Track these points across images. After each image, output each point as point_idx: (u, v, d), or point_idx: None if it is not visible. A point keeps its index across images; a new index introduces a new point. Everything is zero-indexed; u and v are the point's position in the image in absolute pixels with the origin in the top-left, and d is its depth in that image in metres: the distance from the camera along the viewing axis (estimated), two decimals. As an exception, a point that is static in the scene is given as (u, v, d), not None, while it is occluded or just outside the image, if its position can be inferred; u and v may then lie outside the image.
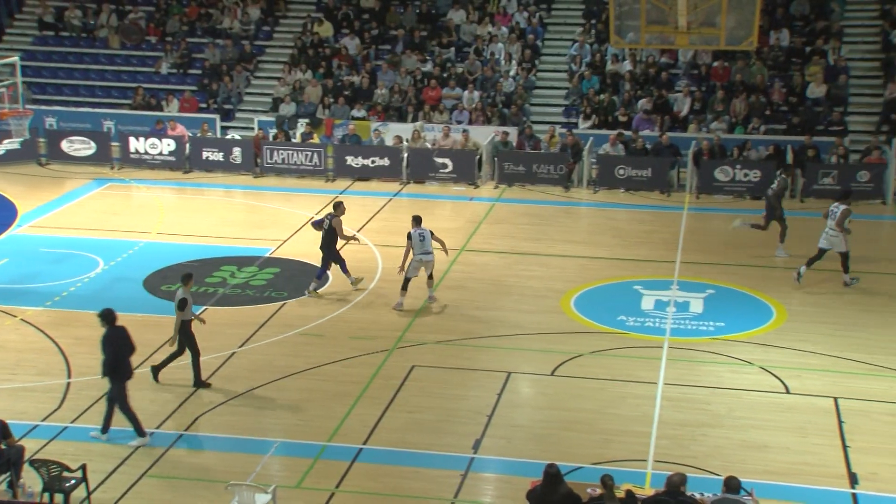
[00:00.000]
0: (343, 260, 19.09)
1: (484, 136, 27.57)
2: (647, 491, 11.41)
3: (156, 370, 15.42)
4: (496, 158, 26.88)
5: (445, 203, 25.55)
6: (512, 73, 30.13)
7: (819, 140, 25.88)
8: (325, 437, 13.86)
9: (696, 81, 29.29)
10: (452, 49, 31.51)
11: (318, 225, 19.26)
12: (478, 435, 13.87)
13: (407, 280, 18.18)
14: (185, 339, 15.12)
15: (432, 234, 18.25)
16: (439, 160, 26.86)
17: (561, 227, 23.52)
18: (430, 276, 18.49)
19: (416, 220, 18.34)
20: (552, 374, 15.81)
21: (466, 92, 29.36)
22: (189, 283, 15.26)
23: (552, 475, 10.65)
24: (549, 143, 27.33)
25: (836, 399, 14.73)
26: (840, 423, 14.05)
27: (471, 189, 26.50)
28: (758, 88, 28.08)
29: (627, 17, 19.36)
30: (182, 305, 14.94)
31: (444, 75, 30.14)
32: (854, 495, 12.32)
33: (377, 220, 23.81)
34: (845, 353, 16.35)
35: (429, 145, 27.40)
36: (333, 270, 19.17)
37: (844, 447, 13.40)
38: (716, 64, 29.07)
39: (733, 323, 17.66)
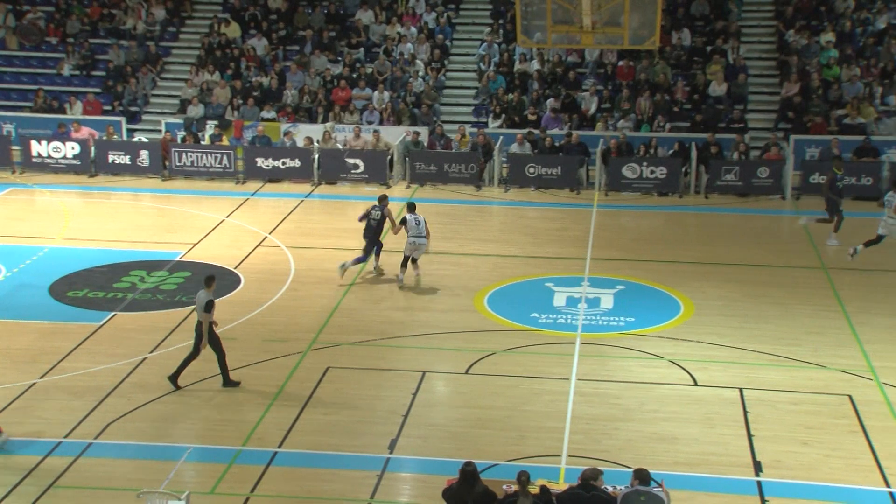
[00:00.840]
0: (381, 247, 19.92)
1: (395, 136, 27.61)
2: (561, 486, 11.58)
3: (174, 378, 15.14)
4: (407, 158, 26.94)
5: (357, 204, 25.40)
6: (421, 73, 30.21)
7: (721, 137, 26.53)
8: (239, 441, 13.74)
9: (603, 80, 29.77)
10: (362, 49, 31.47)
11: (364, 217, 19.90)
12: (393, 435, 13.90)
13: (406, 258, 19.45)
14: (211, 341, 14.99)
15: (425, 221, 19.63)
16: (350, 161, 26.81)
17: (473, 226, 23.67)
18: (415, 261, 19.57)
19: (411, 207, 19.86)
20: (466, 372, 15.92)
21: (377, 92, 29.35)
22: (212, 284, 15.17)
23: (468, 473, 10.74)
24: (459, 142, 27.49)
25: (741, 390, 15.11)
26: (745, 413, 14.43)
27: (383, 189, 26.49)
28: (662, 87, 28.66)
29: (534, 17, 19.60)
30: (209, 307, 14.84)
31: (354, 76, 30.09)
32: (759, 483, 12.67)
33: (289, 222, 23.67)
34: (750, 344, 16.78)
35: (340, 146, 27.33)
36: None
37: (749, 436, 13.76)
38: (621, 63, 29.59)
39: (643, 318, 18.00)
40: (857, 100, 27.28)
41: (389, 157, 27.00)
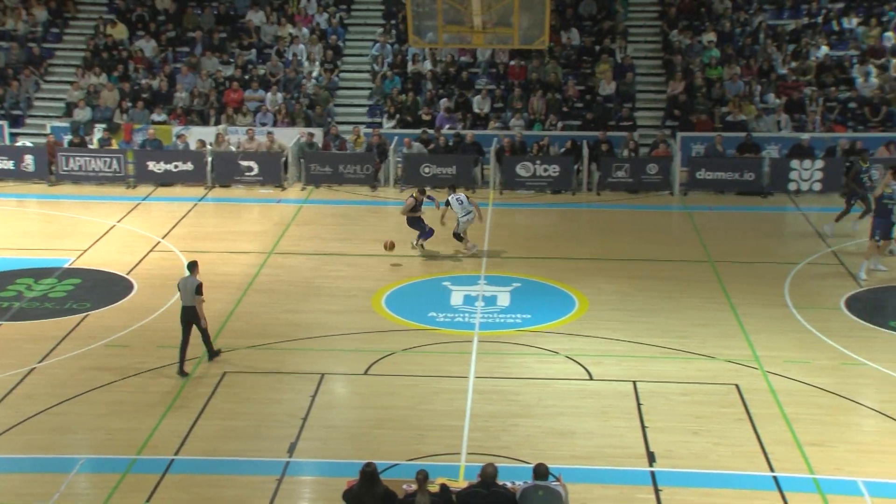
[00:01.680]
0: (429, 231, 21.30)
1: (289, 137, 27.41)
2: (461, 483, 11.69)
3: (181, 368, 15.66)
4: (302, 160, 26.78)
5: (252, 206, 25.27)
6: (315, 73, 30.07)
7: (612, 135, 27.05)
8: (133, 450, 13.50)
9: (495, 80, 30.07)
10: (253, 51, 31.16)
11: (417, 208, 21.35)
12: (292, 438, 13.83)
13: (457, 235, 21.24)
14: (187, 324, 15.63)
15: (468, 197, 21.26)
16: (244, 163, 26.52)
17: (369, 227, 23.66)
18: (464, 234, 21.21)
19: (452, 188, 21.61)
20: (365, 373, 15.93)
21: (269, 94, 29.10)
22: (196, 269, 15.83)
23: (368, 474, 10.76)
24: (354, 143, 27.45)
25: (634, 382, 15.46)
26: (639, 405, 14.76)
27: (277, 191, 26.30)
28: (553, 86, 29.09)
29: (425, 18, 19.68)
30: (200, 290, 15.59)
31: (246, 77, 29.78)
32: (652, 473, 12.98)
33: (182, 226, 23.31)
34: (642, 338, 17.16)
35: (233, 148, 27.02)
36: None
37: (643, 428, 14.09)
38: (513, 63, 29.94)
39: (539, 314, 18.25)
40: (738, 98, 28.15)
41: (284, 158, 26.80)
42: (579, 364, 16.20)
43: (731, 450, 13.49)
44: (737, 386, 15.27)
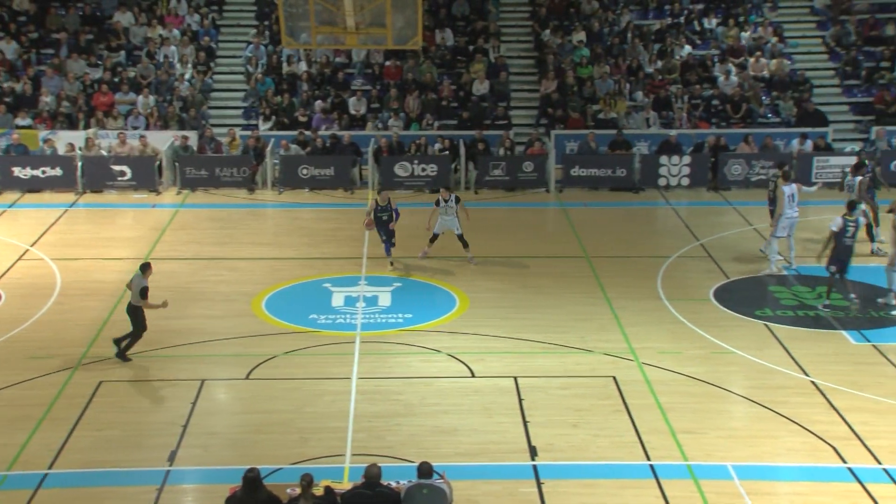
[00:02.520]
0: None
1: (162, 141, 26.89)
2: (346, 485, 11.70)
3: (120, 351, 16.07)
4: (177, 163, 26.30)
5: (126, 211, 24.70)
6: (188, 76, 29.56)
7: (488, 134, 27.39)
8: (3, 466, 13.07)
9: (371, 80, 30.10)
10: (122, 52, 30.45)
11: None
12: (173, 446, 13.61)
13: (435, 236, 20.56)
14: (138, 320, 16.07)
15: (457, 199, 20.70)
16: (117, 168, 25.91)
17: (247, 230, 23.41)
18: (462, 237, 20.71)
19: (448, 188, 21.00)
20: (247, 377, 15.77)
21: (141, 96, 28.50)
22: (147, 271, 16.17)
23: (251, 479, 10.68)
24: (230, 145, 27.10)
25: (516, 378, 15.69)
26: (520, 400, 15.00)
27: (152, 196, 25.78)
28: (428, 86, 29.28)
29: (298, 19, 19.57)
30: (144, 294, 15.90)
31: (116, 80, 29.08)
32: (535, 467, 13.22)
33: (52, 234, 22.64)
34: (523, 334, 17.44)
35: (104, 153, 26.36)
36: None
37: (525, 423, 14.32)
38: (388, 63, 30.01)
39: (420, 313, 18.36)
40: (609, 95, 28.84)
41: (158, 162, 26.27)
42: (461, 362, 16.36)
43: (609, 441, 13.84)
44: (614, 378, 15.66)
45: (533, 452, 13.55)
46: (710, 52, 30.96)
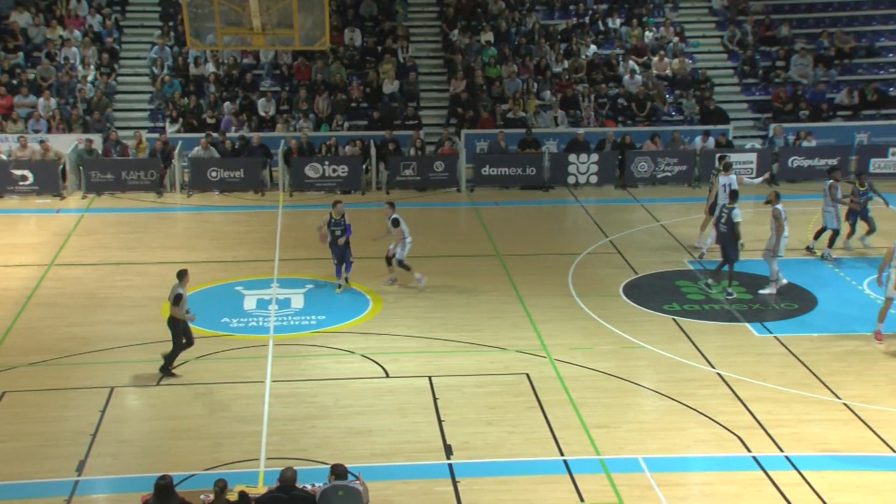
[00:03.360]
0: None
1: (66, 144, 26.32)
2: (261, 489, 11.62)
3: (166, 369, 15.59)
4: (81, 167, 25.77)
5: (29, 217, 24.13)
6: (91, 77, 28.97)
7: (398, 134, 27.44)
8: None
9: (280, 81, 29.90)
10: (21, 54, 29.67)
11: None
12: (81, 456, 13.34)
13: (400, 262, 19.35)
14: (178, 331, 15.51)
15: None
16: (18, 172, 25.29)
17: (156, 234, 23.07)
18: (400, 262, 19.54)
19: (392, 205, 19.75)
20: (158, 384, 15.54)
21: (42, 99, 27.84)
22: (185, 278, 15.70)
23: (162, 487, 10.55)
24: (137, 148, 26.65)
25: (430, 378, 15.76)
26: (435, 399, 15.07)
27: (56, 201, 25.22)
28: (338, 87, 29.19)
29: (203, 20, 19.35)
30: (177, 300, 15.35)
31: (15, 82, 28.35)
32: (450, 465, 13.31)
33: (-50, 241, 22.01)
34: (436, 333, 17.52)
35: (4, 157, 25.68)
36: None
37: (440, 422, 14.40)
38: (297, 63, 29.84)
39: (334, 315, 18.31)
40: (517, 95, 29.12)
41: (61, 166, 25.70)
42: (375, 362, 16.37)
43: (523, 437, 13.99)
44: (527, 375, 15.83)
45: (448, 451, 13.62)
46: (614, 51, 31.48)
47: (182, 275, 15.78)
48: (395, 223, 19.27)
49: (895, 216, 23.55)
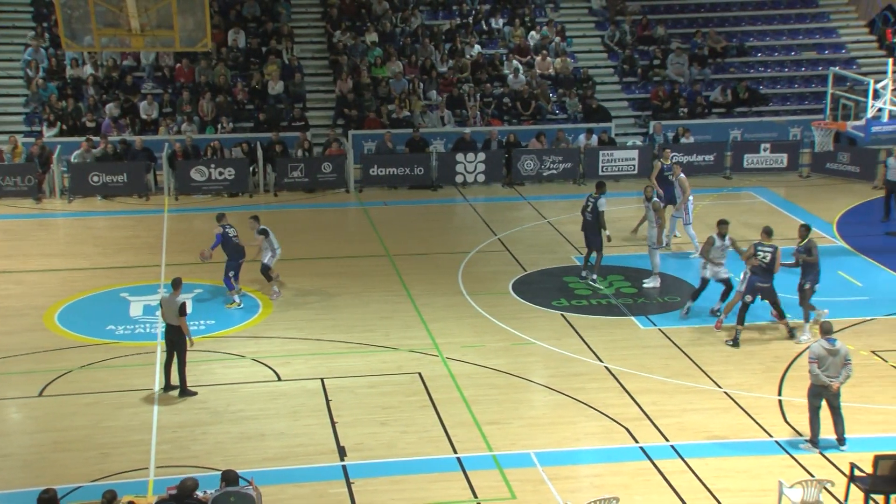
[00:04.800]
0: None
1: (-64, 149, 25.36)
2: (150, 499, 11.46)
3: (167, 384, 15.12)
4: (-47, 173, 24.87)
5: None
6: (-38, 80, 27.98)
7: (285, 135, 27.23)
8: None
9: (163, 83, 29.35)
10: None
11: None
12: (-38, 473, 12.94)
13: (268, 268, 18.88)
14: (170, 343, 15.03)
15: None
16: None
17: (36, 241, 22.43)
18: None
19: (257, 219, 19.00)
20: (40, 395, 15.14)
21: None
22: (179, 287, 15.18)
23: (46, 501, 10.33)
24: (12, 153, 25.81)
25: (322, 380, 15.74)
26: (327, 401, 15.06)
27: (-73, 209, 24.31)
28: (222, 88, 28.82)
29: (79, 21, 18.89)
30: (183, 311, 14.94)
31: None
32: (344, 467, 13.31)
33: None
34: (328, 335, 17.49)
35: None
36: None
37: (333, 423, 14.39)
38: (179, 65, 29.34)
39: (223, 319, 18.12)
40: (403, 95, 29.21)
41: (-68, 172, 24.76)
42: (266, 366, 16.26)
43: (417, 436, 14.08)
44: (420, 374, 15.93)
45: (342, 453, 13.63)
46: (498, 51, 31.84)
47: (177, 283, 15.32)
48: (264, 233, 18.83)
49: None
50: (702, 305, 18.27)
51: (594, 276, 19.79)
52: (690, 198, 21.25)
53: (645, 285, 19.65)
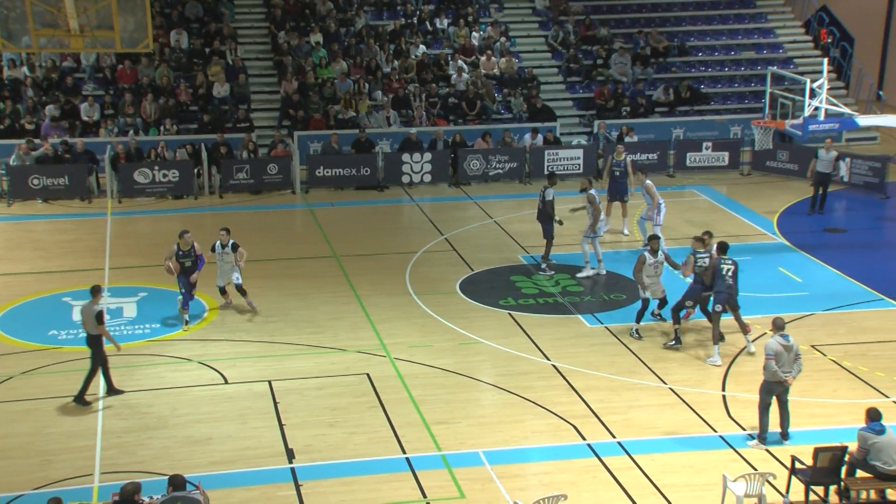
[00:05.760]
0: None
1: None
2: (97, 505, 11.36)
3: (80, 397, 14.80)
4: None
5: None
6: None
7: (230, 137, 27.02)
8: None
9: (104, 85, 28.98)
10: None
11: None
12: None
13: (223, 289, 18.46)
14: (99, 351, 14.83)
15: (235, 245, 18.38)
16: None
17: (-27, 246, 22.06)
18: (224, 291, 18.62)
19: (227, 231, 18.42)
20: (-19, 403, 14.90)
21: None
22: (98, 295, 14.95)
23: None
24: (-53, 157, 25.37)
25: (270, 382, 15.67)
26: (275, 404, 15.00)
27: None
28: (165, 90, 28.53)
29: (16, 21, 18.63)
30: (101, 318, 14.73)
31: None
32: (293, 469, 13.27)
33: None
34: (276, 337, 17.40)
35: None
36: None
37: (281, 426, 14.35)
38: (121, 66, 29.00)
39: (169, 322, 17.94)
40: (349, 95, 29.14)
41: None
42: (213, 369, 16.15)
43: (366, 437, 14.08)
44: (368, 375, 15.93)
45: (290, 455, 13.58)
46: (443, 51, 31.89)
47: (96, 291, 15.10)
48: (235, 248, 18.18)
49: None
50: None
51: (543, 266, 20.13)
52: (662, 202, 21.37)
53: (578, 276, 19.95)
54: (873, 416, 12.24)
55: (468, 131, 28.46)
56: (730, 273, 16.42)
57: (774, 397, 13.73)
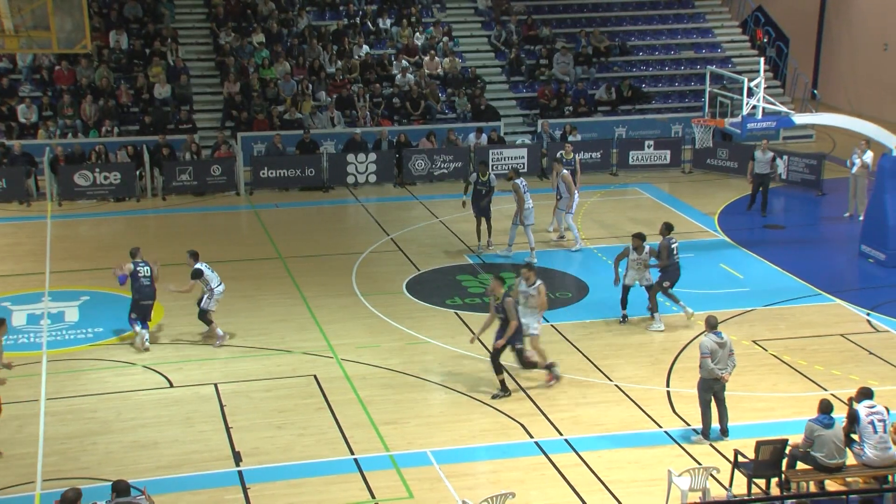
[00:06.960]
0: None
1: None
2: (41, 513, 11.21)
3: None
4: None
5: None
6: None
7: (172, 138, 26.77)
8: None
9: (41, 86, 28.55)
10: None
11: None
12: None
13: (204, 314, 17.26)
14: None
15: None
16: None
17: None
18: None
19: (194, 255, 17.28)
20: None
21: None
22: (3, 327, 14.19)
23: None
24: None
25: (216, 385, 15.57)
26: (222, 406, 14.91)
27: None
28: (105, 91, 28.18)
29: (-53, 20, 18.27)
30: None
31: None
32: (240, 472, 13.20)
33: None
34: (222, 339, 17.28)
35: None
36: None
37: (227, 429, 14.26)
38: (58, 67, 28.58)
39: (111, 326, 17.75)
40: (293, 96, 29.02)
41: None
42: (158, 373, 16.01)
43: (314, 439, 14.06)
44: (315, 376, 15.90)
45: (237, 458, 13.52)
46: (387, 51, 31.88)
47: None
48: (197, 275, 17.11)
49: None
50: (608, 302, 18.66)
51: (490, 244, 21.44)
52: (576, 192, 21.77)
53: (499, 253, 21.13)
54: (824, 408, 12.47)
55: (413, 131, 28.50)
56: (676, 251, 17.48)
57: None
